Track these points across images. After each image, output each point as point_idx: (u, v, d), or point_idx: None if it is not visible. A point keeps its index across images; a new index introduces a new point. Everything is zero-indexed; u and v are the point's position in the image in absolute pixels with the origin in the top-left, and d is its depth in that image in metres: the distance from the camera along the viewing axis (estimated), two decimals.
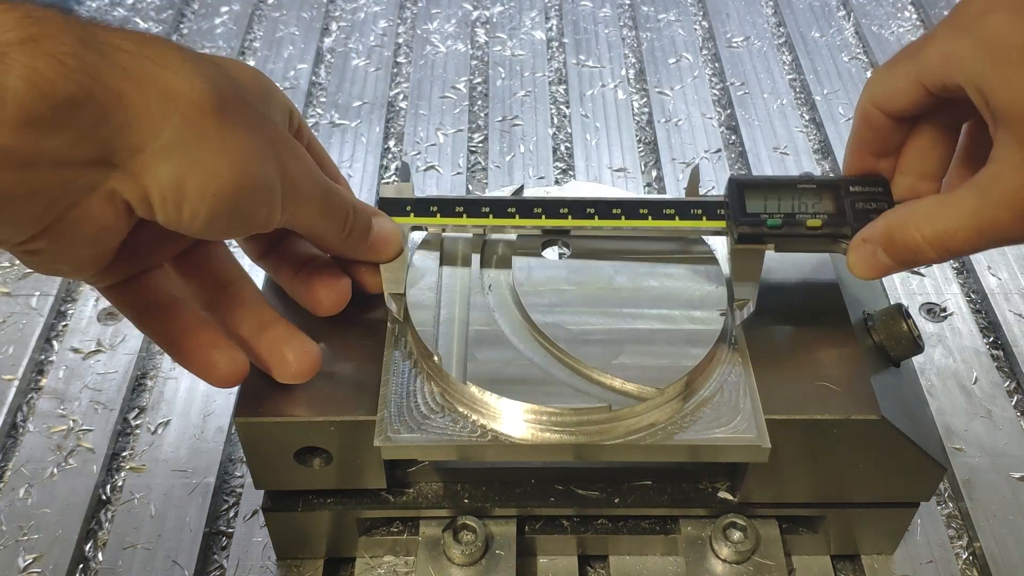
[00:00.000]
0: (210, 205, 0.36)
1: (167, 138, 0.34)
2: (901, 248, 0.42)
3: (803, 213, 0.46)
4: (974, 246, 0.40)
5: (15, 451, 0.59)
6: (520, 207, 0.49)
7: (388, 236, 0.47)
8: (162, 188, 0.34)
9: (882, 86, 0.44)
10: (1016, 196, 0.38)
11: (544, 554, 0.53)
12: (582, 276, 0.50)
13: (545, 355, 0.46)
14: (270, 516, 0.51)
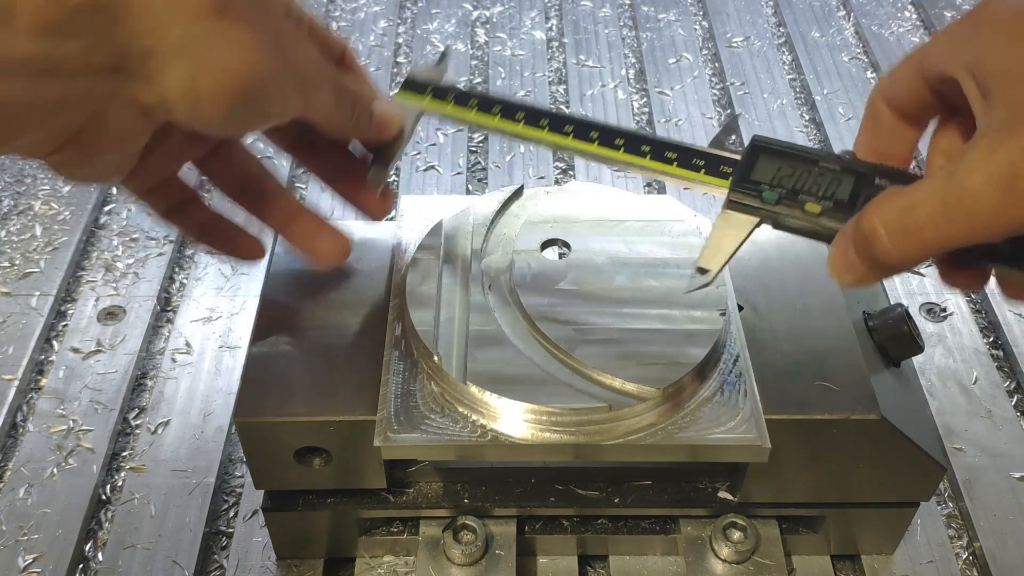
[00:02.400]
0: (225, 101, 0.36)
1: (175, 40, 0.35)
2: (860, 239, 0.36)
3: (807, 194, 0.40)
4: (938, 228, 0.34)
5: (15, 451, 0.59)
6: (528, 116, 0.45)
7: (387, 117, 0.46)
8: (176, 90, 0.35)
9: (888, 78, 0.41)
10: (991, 160, 0.33)
11: (544, 554, 0.53)
12: (582, 276, 0.50)
13: (545, 355, 0.46)
14: (270, 516, 0.51)
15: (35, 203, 0.75)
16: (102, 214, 0.75)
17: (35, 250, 0.71)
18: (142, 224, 0.74)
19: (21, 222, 0.74)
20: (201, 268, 0.71)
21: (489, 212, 0.53)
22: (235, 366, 0.63)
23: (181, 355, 0.64)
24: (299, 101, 0.40)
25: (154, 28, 0.34)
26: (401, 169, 0.80)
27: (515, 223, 0.53)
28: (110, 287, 0.69)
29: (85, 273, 0.71)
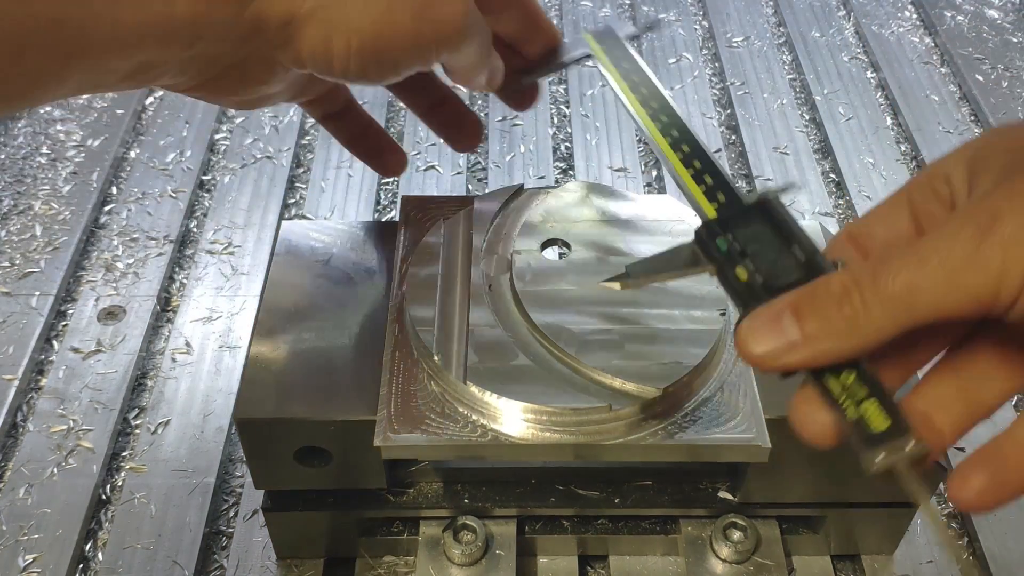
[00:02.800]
0: (357, 59, 0.38)
1: (308, 7, 0.37)
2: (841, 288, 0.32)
3: (751, 260, 0.37)
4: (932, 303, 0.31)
5: (15, 451, 0.59)
6: (675, 140, 0.45)
7: (498, 74, 0.47)
8: (311, 50, 0.38)
9: (865, 216, 0.37)
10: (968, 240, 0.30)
11: (544, 554, 0.53)
12: (582, 276, 0.50)
13: (545, 355, 0.46)
14: (270, 516, 0.51)
15: (35, 203, 0.75)
16: (102, 214, 0.75)
17: (35, 250, 0.71)
18: (142, 224, 0.74)
19: (21, 222, 0.74)
20: (201, 268, 0.71)
21: (489, 212, 0.53)
22: (235, 366, 0.63)
23: (181, 355, 0.64)
24: (437, 55, 0.40)
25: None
26: None
27: (515, 223, 0.53)
28: (110, 287, 0.69)
29: (85, 273, 0.71)
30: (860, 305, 0.31)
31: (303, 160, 0.81)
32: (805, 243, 0.37)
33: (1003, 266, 0.30)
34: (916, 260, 0.31)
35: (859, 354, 0.32)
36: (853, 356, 0.32)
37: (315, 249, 0.54)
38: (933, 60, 0.92)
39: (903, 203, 0.36)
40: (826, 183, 0.79)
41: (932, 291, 0.30)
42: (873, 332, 0.31)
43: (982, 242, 0.30)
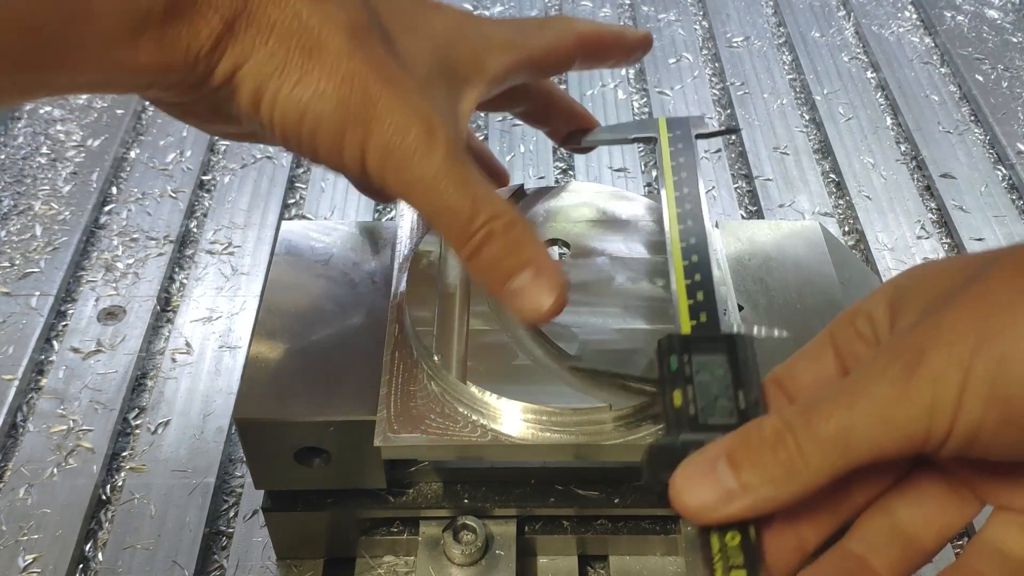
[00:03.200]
0: (280, 135, 0.38)
1: (250, 68, 0.36)
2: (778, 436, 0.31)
3: (693, 387, 0.36)
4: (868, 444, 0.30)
5: (15, 451, 0.59)
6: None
7: (530, 303, 0.40)
8: (244, 110, 0.38)
9: (790, 360, 0.37)
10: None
11: (544, 554, 0.53)
12: (582, 276, 0.50)
13: (545, 355, 0.46)
14: (270, 516, 0.51)
15: (35, 203, 0.75)
16: (102, 214, 0.75)
17: (35, 250, 0.71)
18: (142, 224, 0.74)
19: (21, 222, 0.74)
20: (201, 268, 0.71)
21: None
22: (235, 366, 0.63)
23: (181, 355, 0.64)
24: (371, 164, 0.39)
25: (253, 41, 0.36)
26: None
27: None
28: (110, 287, 0.69)
29: (85, 273, 0.71)
30: (795, 450, 0.31)
31: (303, 160, 0.81)
32: (752, 392, 0.36)
33: (933, 403, 0.29)
34: (847, 400, 0.31)
35: (798, 500, 0.31)
36: (792, 503, 0.31)
37: (315, 249, 0.54)
38: (933, 60, 0.92)
39: (827, 345, 0.36)
40: (826, 183, 0.79)
41: (865, 431, 0.30)
42: (811, 477, 0.31)
43: (910, 379, 0.30)
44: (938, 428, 0.30)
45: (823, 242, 0.54)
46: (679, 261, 0.44)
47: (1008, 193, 0.77)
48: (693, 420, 0.35)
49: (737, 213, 0.76)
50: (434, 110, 0.39)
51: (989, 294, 0.30)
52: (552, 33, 0.47)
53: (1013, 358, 0.29)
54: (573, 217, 0.53)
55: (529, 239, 0.39)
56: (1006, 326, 0.29)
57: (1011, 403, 0.29)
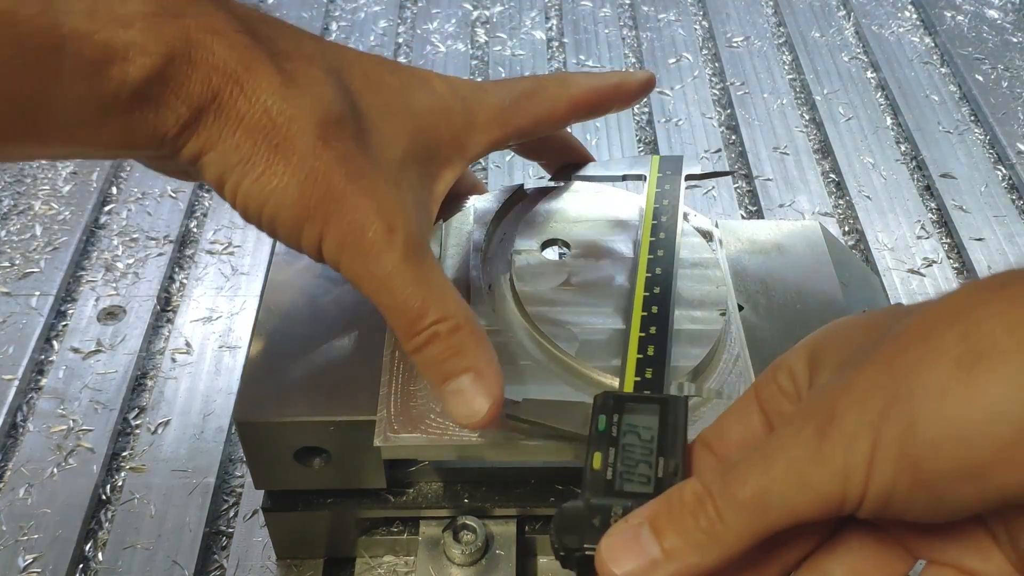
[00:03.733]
0: (242, 214, 0.39)
1: (213, 157, 0.37)
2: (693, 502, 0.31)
3: (615, 451, 0.36)
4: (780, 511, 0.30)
5: (15, 451, 0.59)
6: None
7: (464, 407, 0.40)
8: (213, 185, 0.39)
9: (718, 420, 0.37)
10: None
11: (544, 554, 0.53)
12: (582, 276, 0.50)
13: (545, 355, 0.46)
14: (270, 516, 0.51)
15: (35, 203, 0.75)
16: (102, 214, 0.75)
17: (35, 250, 0.71)
18: (142, 224, 0.74)
19: (21, 222, 0.74)
20: (201, 268, 0.71)
21: (489, 211, 0.53)
22: (235, 366, 0.63)
23: (181, 355, 0.64)
24: (332, 261, 0.40)
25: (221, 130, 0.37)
26: None
27: (515, 223, 0.53)
28: (110, 287, 0.69)
29: (85, 273, 0.71)
30: (715, 515, 0.31)
31: None
32: (672, 460, 0.36)
33: (845, 466, 0.29)
34: (763, 464, 0.31)
35: (723, 564, 0.31)
36: (717, 567, 0.31)
37: None
38: (933, 60, 0.92)
39: (752, 402, 0.36)
40: (826, 183, 0.79)
41: (782, 495, 0.30)
42: (732, 541, 0.31)
43: (822, 443, 0.30)
44: (852, 491, 0.30)
45: (823, 242, 0.54)
46: (639, 309, 0.45)
47: (1008, 193, 0.77)
48: (609, 485, 0.35)
49: (737, 213, 0.76)
50: (398, 205, 0.39)
51: (897, 355, 0.30)
52: (544, 105, 0.47)
53: (920, 420, 0.29)
54: (573, 217, 0.53)
55: (473, 344, 0.40)
56: (913, 388, 0.29)
57: (921, 466, 0.29)
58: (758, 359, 0.47)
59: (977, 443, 0.28)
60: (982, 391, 0.28)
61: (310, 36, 0.41)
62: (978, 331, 0.29)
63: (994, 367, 0.28)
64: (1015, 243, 0.72)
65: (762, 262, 0.53)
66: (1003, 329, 0.28)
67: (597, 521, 0.34)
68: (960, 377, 0.28)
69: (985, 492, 0.29)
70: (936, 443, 0.28)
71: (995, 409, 0.28)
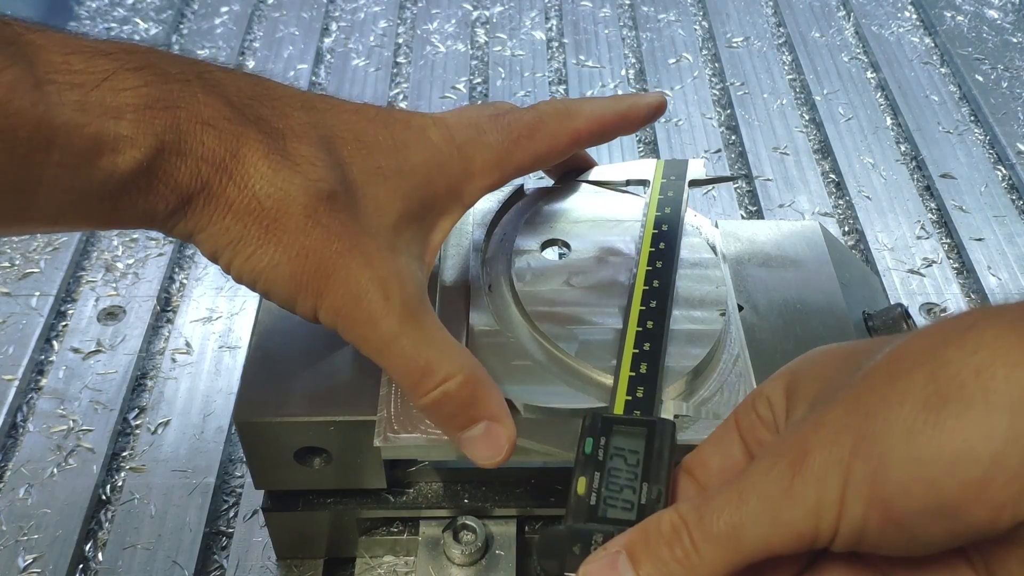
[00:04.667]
0: (236, 279, 0.39)
1: (214, 230, 0.38)
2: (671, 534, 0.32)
3: (601, 477, 0.36)
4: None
5: (15, 451, 0.59)
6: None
7: (484, 451, 0.42)
8: (209, 257, 0.39)
9: (699, 447, 0.38)
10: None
11: None
12: (582, 276, 0.50)
13: (545, 355, 0.46)
14: (270, 516, 0.51)
15: None
16: None
17: (35, 250, 0.71)
18: None
19: None
20: (201, 268, 0.71)
21: (489, 212, 0.53)
22: (235, 366, 0.63)
23: (181, 355, 0.64)
24: (333, 326, 0.41)
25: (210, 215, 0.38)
26: None
27: (515, 223, 0.53)
28: (110, 287, 0.69)
29: (85, 273, 0.71)
30: (690, 546, 0.31)
31: None
32: (656, 486, 0.36)
33: (817, 503, 0.30)
34: (737, 498, 0.31)
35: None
36: None
37: None
38: (933, 60, 0.92)
39: (732, 430, 0.37)
40: (826, 183, 0.79)
41: (755, 529, 0.30)
42: (706, 573, 0.31)
43: (794, 479, 0.30)
44: (824, 527, 0.30)
45: (823, 242, 0.54)
46: (633, 326, 0.45)
47: (1008, 193, 0.77)
48: (592, 511, 0.36)
49: (737, 213, 0.76)
50: (392, 272, 0.40)
51: (865, 394, 0.31)
52: (545, 142, 0.46)
53: (890, 461, 0.29)
54: (573, 217, 0.53)
55: (484, 393, 0.41)
56: (881, 429, 0.29)
57: (891, 504, 0.29)
58: (758, 359, 0.47)
59: (946, 483, 0.28)
60: (949, 434, 0.28)
61: (301, 103, 0.41)
62: (945, 373, 0.29)
63: (961, 411, 0.28)
64: (1015, 243, 0.72)
65: (762, 262, 0.53)
66: (969, 372, 0.29)
67: (577, 549, 0.35)
68: (928, 419, 0.29)
69: (955, 529, 0.29)
70: (905, 483, 0.29)
71: (962, 451, 0.28)
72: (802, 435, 0.31)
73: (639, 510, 0.35)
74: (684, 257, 0.51)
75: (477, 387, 0.41)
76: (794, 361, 0.36)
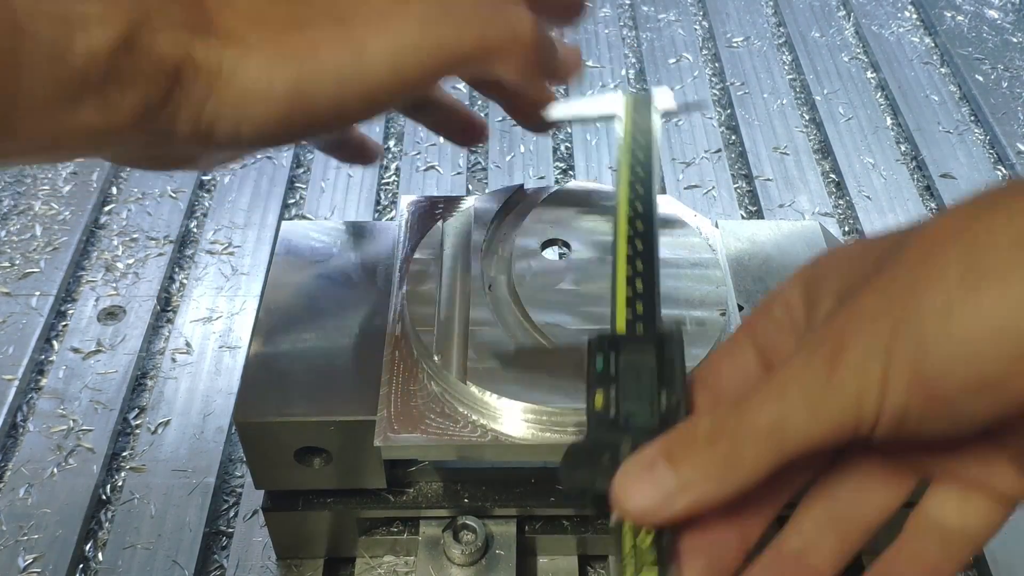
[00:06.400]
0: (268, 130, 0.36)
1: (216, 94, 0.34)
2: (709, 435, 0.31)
3: (617, 389, 0.35)
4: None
5: (15, 451, 0.59)
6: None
7: (572, 57, 0.43)
8: (226, 135, 0.35)
9: (709, 358, 0.36)
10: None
11: (544, 554, 0.53)
12: (582, 276, 0.50)
13: (545, 355, 0.46)
14: (270, 516, 0.51)
15: (35, 203, 0.75)
16: (102, 214, 0.75)
17: (35, 250, 0.71)
18: (142, 224, 0.74)
19: (21, 222, 0.74)
20: (201, 268, 0.71)
21: (489, 212, 0.53)
22: (235, 366, 0.63)
23: (181, 355, 0.64)
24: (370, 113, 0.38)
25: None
26: (401, 169, 0.80)
27: (515, 223, 0.53)
28: (110, 287, 0.69)
29: (85, 273, 0.71)
30: (730, 446, 0.31)
31: (303, 160, 0.81)
32: (674, 394, 0.35)
33: (858, 392, 0.30)
34: (777, 393, 0.31)
35: (739, 495, 0.31)
36: (733, 498, 0.31)
37: (315, 249, 0.54)
38: (933, 60, 0.92)
39: (746, 338, 0.36)
40: (826, 183, 0.79)
41: (797, 423, 0.30)
42: (749, 471, 0.31)
43: (834, 370, 0.30)
44: (867, 415, 0.30)
45: (823, 242, 0.54)
46: (624, 245, 0.43)
47: None
48: (613, 423, 0.35)
49: (737, 213, 0.76)
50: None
51: (900, 277, 0.30)
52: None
53: (930, 341, 0.29)
54: (573, 217, 0.53)
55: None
56: (919, 310, 0.29)
57: (934, 384, 0.29)
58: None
59: (989, 359, 0.28)
60: (989, 308, 0.28)
61: None
62: (980, 247, 0.29)
63: (999, 283, 0.28)
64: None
65: (762, 262, 0.53)
66: (1007, 242, 0.28)
67: (607, 458, 0.33)
68: (966, 295, 0.28)
69: (999, 404, 0.29)
70: (947, 362, 0.28)
71: (1003, 324, 0.28)
72: (838, 325, 0.31)
73: (661, 418, 0.34)
74: (684, 257, 0.51)
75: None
76: (808, 263, 0.36)
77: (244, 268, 0.70)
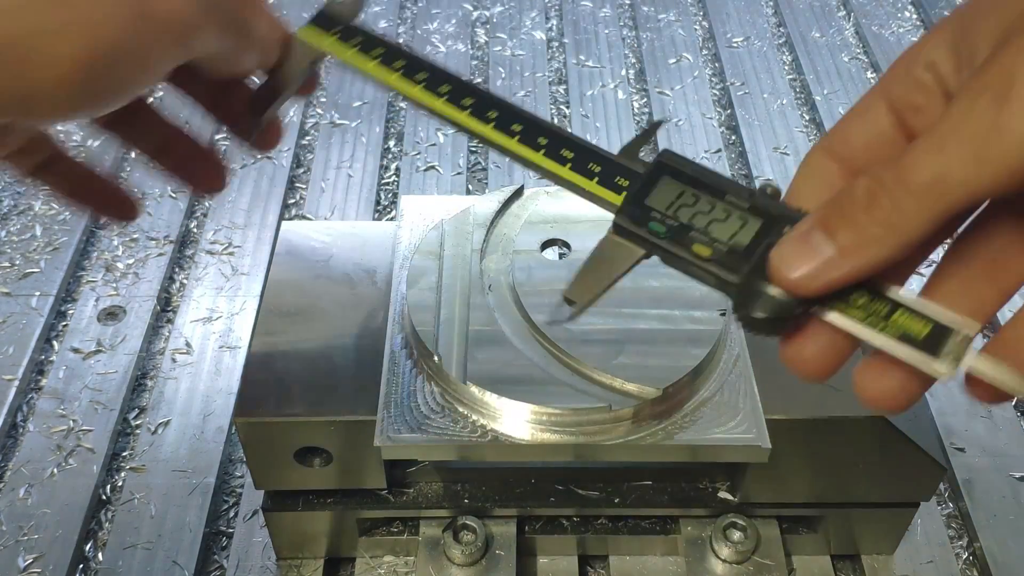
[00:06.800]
0: (70, 88, 0.32)
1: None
2: (859, 198, 0.30)
3: (701, 232, 0.33)
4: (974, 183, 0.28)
5: (15, 451, 0.59)
6: (454, 92, 0.40)
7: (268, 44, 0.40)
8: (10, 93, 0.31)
9: (837, 125, 0.35)
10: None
11: (544, 554, 0.53)
12: None
13: (545, 355, 0.46)
14: (270, 516, 0.51)
15: (35, 203, 0.75)
16: None
17: (35, 250, 0.71)
18: (142, 224, 0.74)
19: (21, 222, 0.74)
20: (201, 268, 0.71)
21: (489, 212, 0.53)
22: (235, 366, 0.63)
23: (181, 355, 0.64)
24: (170, 56, 0.35)
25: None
26: (401, 169, 0.80)
27: (515, 223, 0.53)
28: (110, 287, 0.69)
29: (85, 273, 0.71)
30: (890, 205, 0.29)
31: (303, 160, 0.81)
32: (734, 187, 0.33)
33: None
34: (937, 145, 0.29)
35: (899, 256, 0.30)
36: (894, 259, 0.30)
37: (315, 249, 0.54)
38: None
39: (879, 101, 0.34)
40: None
41: (961, 172, 0.28)
42: (910, 229, 0.29)
43: (1001, 110, 0.28)
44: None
45: None
46: (535, 155, 0.38)
47: None
48: (734, 252, 0.32)
49: None
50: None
51: None
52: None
53: None
54: (573, 217, 0.53)
55: None
56: None
57: None
58: (758, 359, 0.47)
59: None
60: None
61: None
62: None
63: None
64: None
65: None
66: None
67: (762, 282, 0.31)
68: None
69: None
70: None
71: None
72: (1003, 65, 0.28)
73: (760, 213, 0.33)
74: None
75: None
76: (950, 16, 0.33)
77: (244, 268, 0.70)
